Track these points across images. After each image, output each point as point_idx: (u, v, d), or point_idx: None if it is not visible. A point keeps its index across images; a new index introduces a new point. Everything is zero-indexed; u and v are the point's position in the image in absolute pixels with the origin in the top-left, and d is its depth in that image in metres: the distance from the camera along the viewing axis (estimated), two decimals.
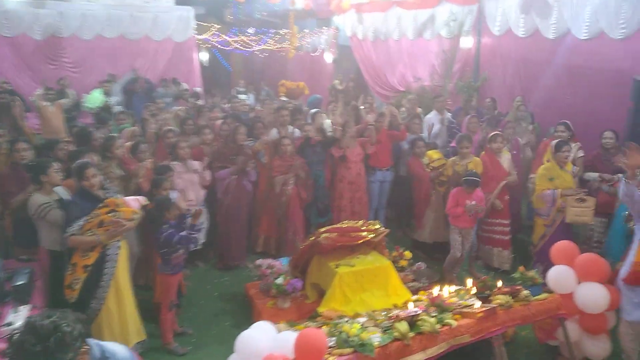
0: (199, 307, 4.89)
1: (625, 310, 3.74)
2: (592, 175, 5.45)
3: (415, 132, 6.58)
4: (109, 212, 3.67)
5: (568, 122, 5.80)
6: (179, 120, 6.76)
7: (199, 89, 12.12)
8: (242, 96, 10.98)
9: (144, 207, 4.03)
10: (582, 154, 5.65)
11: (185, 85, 11.81)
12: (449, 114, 7.26)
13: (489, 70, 8.68)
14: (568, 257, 4.02)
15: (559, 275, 3.95)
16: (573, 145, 5.56)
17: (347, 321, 3.65)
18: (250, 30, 14.28)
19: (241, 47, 14.31)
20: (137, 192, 4.50)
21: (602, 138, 5.58)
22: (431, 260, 5.58)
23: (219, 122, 6.55)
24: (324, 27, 13.61)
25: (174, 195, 4.63)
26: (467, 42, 8.84)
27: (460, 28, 8.91)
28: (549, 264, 4.20)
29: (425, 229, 5.92)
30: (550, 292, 3.96)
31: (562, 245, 4.12)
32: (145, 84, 10.90)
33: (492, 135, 5.54)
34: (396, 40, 10.56)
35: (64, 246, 3.79)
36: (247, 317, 4.57)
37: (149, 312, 4.29)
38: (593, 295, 3.83)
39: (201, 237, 5.42)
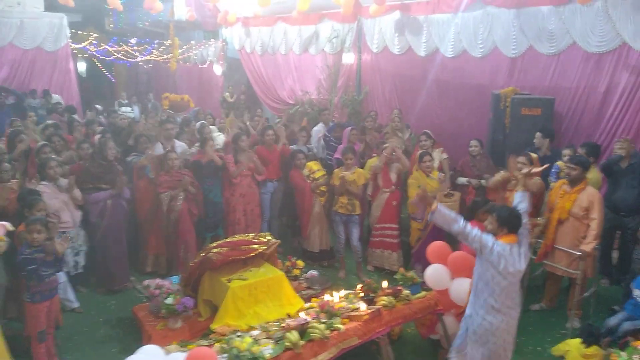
0: (82, 334, 4.55)
1: None
2: (462, 179, 6.07)
3: (301, 144, 6.80)
4: None
5: (428, 131, 6.38)
6: (45, 136, 6.26)
7: (98, 106, 11.29)
8: (126, 108, 10.45)
9: (10, 233, 3.68)
10: (446, 157, 6.23)
11: (57, 97, 10.93)
12: (325, 128, 7.56)
13: (369, 85, 9.22)
14: (442, 256, 4.40)
15: (435, 274, 4.30)
16: (436, 151, 6.14)
17: (238, 336, 3.65)
18: (133, 40, 13.65)
19: (124, 57, 13.61)
20: (1, 217, 4.08)
21: (469, 146, 6.23)
22: (319, 268, 5.76)
23: (98, 136, 6.19)
24: (211, 39, 13.46)
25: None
26: (348, 58, 9.31)
27: (342, 44, 9.36)
28: (426, 264, 4.57)
29: (311, 237, 6.12)
30: (428, 289, 4.31)
31: (436, 246, 4.50)
32: (13, 96, 9.90)
33: (420, 154, 5.81)
34: (284, 54, 10.79)
35: None
36: (136, 342, 4.33)
37: (22, 346, 3.91)
38: (466, 289, 4.22)
39: (81, 261, 5.06)
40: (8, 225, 3.66)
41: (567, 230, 4.86)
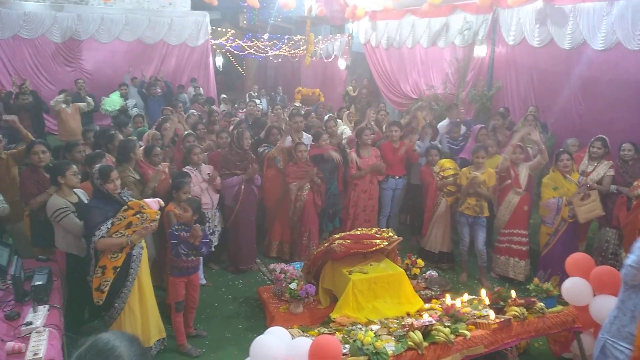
0: (214, 309, 4.93)
1: None
2: (612, 187, 5.40)
3: (427, 140, 6.61)
4: (135, 214, 3.72)
5: (604, 137, 5.69)
6: (191, 125, 6.83)
7: (224, 96, 12.24)
8: (256, 101, 11.08)
9: (161, 209, 4.09)
10: (612, 173, 5.40)
11: (200, 90, 11.94)
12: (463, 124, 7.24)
13: (502, 80, 8.65)
14: (583, 269, 3.99)
15: (575, 288, 3.92)
16: (605, 162, 5.51)
17: (360, 329, 3.67)
18: (265, 36, 14.39)
19: (255, 52, 14.42)
20: (153, 196, 4.55)
21: (620, 150, 5.54)
22: (437, 269, 5.56)
23: (232, 127, 6.62)
24: (337, 34, 13.67)
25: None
26: (480, 51, 8.83)
27: (474, 37, 8.91)
28: (552, 271, 4.19)
29: (431, 238, 5.93)
30: (565, 304, 3.94)
31: (578, 257, 4.10)
32: (165, 87, 11.03)
33: (557, 153, 5.39)
34: (410, 48, 10.58)
35: (82, 251, 3.86)
36: (260, 321, 4.60)
37: (164, 313, 4.34)
38: (609, 308, 3.80)
39: (214, 240, 5.46)
40: (160, 201, 4.05)
41: None
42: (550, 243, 5.23)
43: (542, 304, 3.82)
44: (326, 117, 7.67)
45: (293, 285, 4.39)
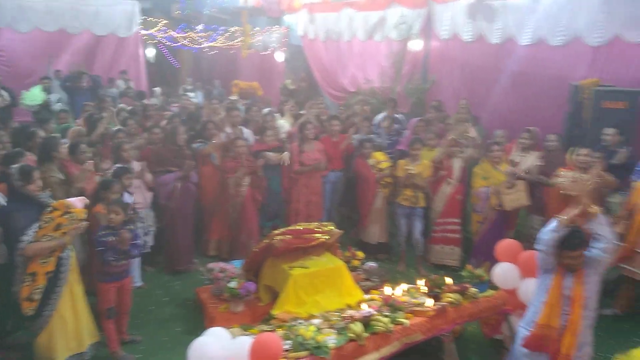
0: (149, 313, 4.74)
1: None
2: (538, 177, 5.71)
3: (364, 134, 6.68)
4: (62, 215, 3.49)
5: (534, 129, 5.99)
6: (121, 120, 6.51)
7: (157, 88, 11.73)
8: (190, 94, 10.74)
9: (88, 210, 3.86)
10: (540, 164, 5.67)
11: (131, 83, 11.41)
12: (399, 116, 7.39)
13: (437, 74, 8.91)
14: (512, 254, 4.20)
15: (504, 272, 4.12)
16: (534, 153, 5.79)
17: (302, 324, 3.65)
18: (199, 27, 13.96)
19: (189, 44, 13.96)
20: (80, 196, 4.28)
21: (544, 140, 5.88)
22: (376, 260, 5.66)
23: (165, 122, 6.37)
24: (275, 26, 13.52)
25: (129, 198, 4.45)
26: (416, 45, 9.04)
27: (410, 31, 9.10)
28: (483, 257, 4.38)
29: (370, 229, 6.02)
30: (496, 288, 4.13)
31: (507, 243, 4.31)
32: (92, 81, 10.41)
33: (489, 143, 5.63)
34: (347, 41, 10.66)
35: (3, 258, 3.57)
36: (199, 323, 4.46)
37: (95, 317, 4.11)
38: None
39: (149, 241, 5.24)
40: (86, 199, 3.82)
41: None
42: (481, 231, 5.46)
43: (475, 289, 3.98)
44: (266, 111, 7.58)
45: (232, 284, 4.29)
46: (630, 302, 4.98)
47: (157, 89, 12.23)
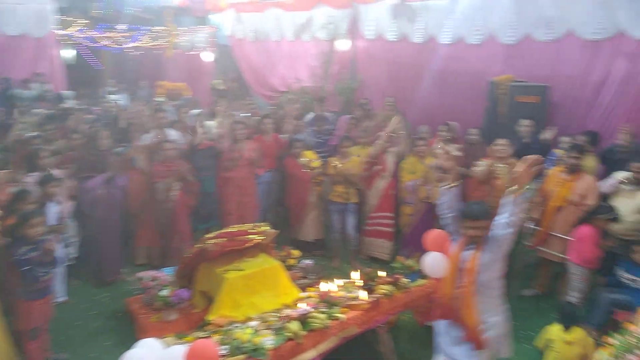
0: (76, 328, 4.48)
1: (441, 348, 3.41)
2: (461, 169, 6.00)
3: (294, 132, 6.71)
4: None
5: (452, 123, 6.26)
6: (37, 125, 6.10)
7: (68, 92, 11.01)
8: (114, 96, 10.25)
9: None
10: (459, 154, 5.97)
11: (49, 86, 10.70)
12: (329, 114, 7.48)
13: (365, 73, 9.11)
14: (439, 243, 4.36)
15: (432, 261, 4.28)
16: (454, 146, 6.03)
17: (238, 327, 3.61)
18: (121, 27, 13.36)
19: (111, 45, 13.33)
20: None
21: (466, 134, 6.19)
22: (312, 257, 5.72)
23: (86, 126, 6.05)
24: (202, 26, 13.23)
25: (55, 208, 4.18)
26: (343, 45, 9.19)
27: (337, 31, 9.24)
28: (414, 248, 4.55)
29: (305, 227, 6.06)
30: (425, 277, 4.29)
31: (434, 233, 4.47)
32: (3, 83, 9.65)
33: (414, 139, 5.83)
34: (276, 41, 10.63)
35: None
36: (130, 335, 4.27)
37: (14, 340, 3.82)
38: None
39: (72, 252, 4.96)
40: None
41: (564, 217, 4.88)
42: (411, 223, 5.66)
43: (406, 279, 4.12)
44: (196, 112, 7.40)
45: (164, 292, 4.15)
46: (548, 282, 5.37)
47: (68, 92, 11.51)
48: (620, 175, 4.89)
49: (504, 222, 3.04)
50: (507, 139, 5.43)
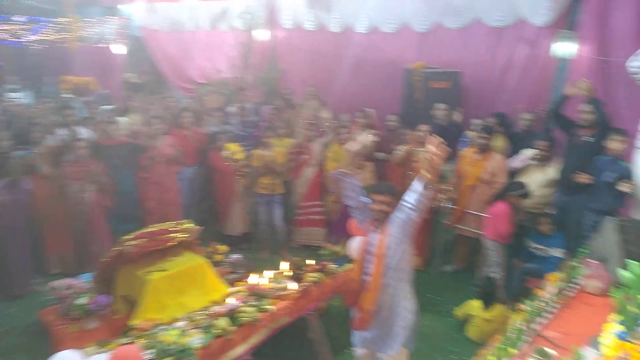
0: None
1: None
2: (380, 154, 6.17)
3: (215, 125, 6.56)
4: None
5: (369, 110, 6.38)
6: None
7: None
8: (15, 94, 9.43)
9: None
10: (375, 139, 6.05)
11: None
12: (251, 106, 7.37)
13: (285, 63, 9.06)
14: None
15: (356, 245, 4.38)
16: (369, 131, 6.17)
17: (164, 329, 3.48)
18: (19, 18, 12.28)
19: (9, 38, 12.24)
20: None
21: (385, 121, 6.36)
22: (241, 251, 5.65)
23: None
24: (110, 16, 12.49)
25: None
26: (262, 35, 9.07)
27: (254, 21, 9.09)
28: (341, 235, 4.64)
29: (232, 221, 5.97)
30: (352, 262, 4.37)
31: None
32: None
33: (336, 127, 5.84)
34: (192, 31, 10.28)
35: None
36: (46, 349, 3.98)
37: None
38: None
39: None
40: None
41: (477, 195, 5.17)
42: (337, 210, 5.75)
43: (334, 265, 4.18)
44: (107, 108, 6.99)
45: (82, 300, 3.90)
46: (467, 257, 5.68)
47: None
48: (528, 152, 5.25)
49: (409, 205, 3.00)
50: (425, 124, 5.65)
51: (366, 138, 5.89)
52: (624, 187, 4.24)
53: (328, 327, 4.29)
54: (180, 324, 3.63)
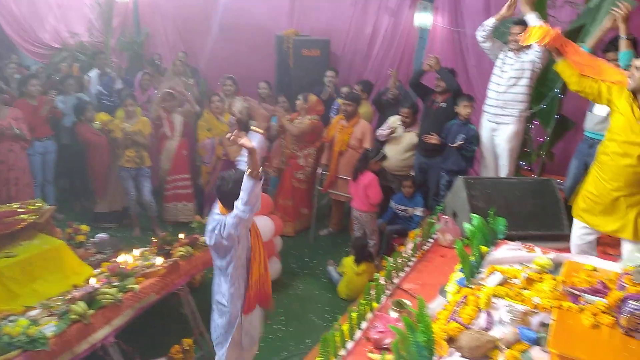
0: None
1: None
2: (253, 123, 6.09)
3: (71, 93, 5.96)
4: None
5: (233, 76, 6.20)
6: None
7: None
8: None
9: None
10: (247, 105, 5.87)
11: None
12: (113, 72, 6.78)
13: (150, 26, 8.46)
14: (263, 207, 4.42)
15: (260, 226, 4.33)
16: (238, 98, 6.02)
17: (11, 320, 3.15)
18: None
19: None
20: None
21: (258, 88, 6.27)
22: (107, 230, 5.30)
23: None
24: None
25: None
26: None
27: None
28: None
29: (104, 197, 5.57)
30: None
31: None
32: None
33: (210, 95, 5.57)
34: None
35: None
36: None
37: None
38: (263, 226, 4.36)
39: None
40: None
41: (347, 160, 5.38)
42: (210, 181, 5.62)
43: (205, 238, 4.08)
44: None
45: None
46: (341, 220, 5.93)
47: None
48: (393, 119, 5.54)
49: (240, 208, 2.68)
50: (299, 92, 5.66)
51: (238, 104, 5.77)
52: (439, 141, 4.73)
53: (203, 301, 4.22)
54: (33, 312, 3.32)
